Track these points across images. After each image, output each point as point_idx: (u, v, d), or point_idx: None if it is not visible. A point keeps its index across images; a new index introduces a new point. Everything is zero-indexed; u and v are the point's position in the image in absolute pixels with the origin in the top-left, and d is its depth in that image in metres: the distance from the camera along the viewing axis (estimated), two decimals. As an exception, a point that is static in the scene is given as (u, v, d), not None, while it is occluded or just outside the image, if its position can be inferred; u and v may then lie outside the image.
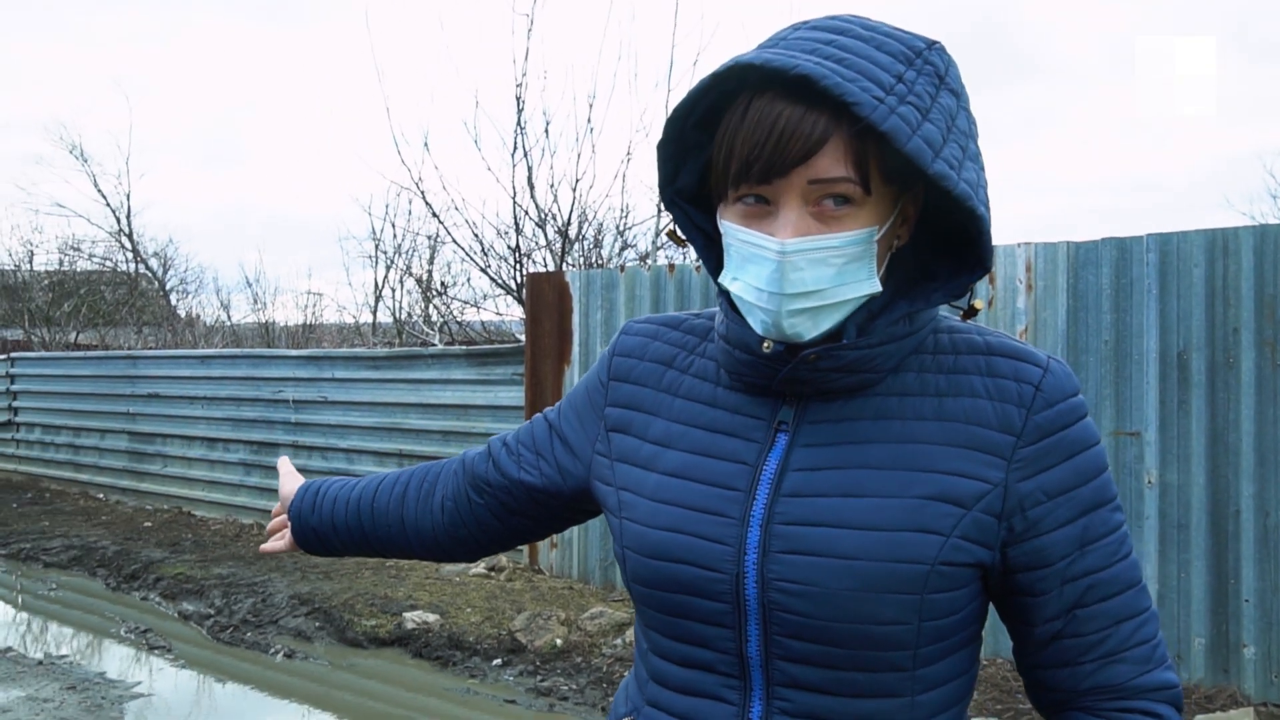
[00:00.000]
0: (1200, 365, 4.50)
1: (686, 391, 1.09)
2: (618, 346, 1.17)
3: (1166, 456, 4.59)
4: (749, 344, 1.01)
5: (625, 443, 1.11)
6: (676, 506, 1.03)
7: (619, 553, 1.08)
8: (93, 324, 19.57)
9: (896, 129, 0.88)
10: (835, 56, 0.90)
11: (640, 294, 6.20)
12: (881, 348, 0.98)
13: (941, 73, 0.94)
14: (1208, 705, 4.33)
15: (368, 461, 8.18)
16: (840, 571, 0.95)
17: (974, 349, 1.02)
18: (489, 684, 5.23)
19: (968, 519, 0.96)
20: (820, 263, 0.93)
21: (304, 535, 1.39)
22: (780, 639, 0.98)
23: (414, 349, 8.21)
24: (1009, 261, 4.95)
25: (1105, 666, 1.00)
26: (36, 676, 5.40)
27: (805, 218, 0.92)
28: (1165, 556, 4.59)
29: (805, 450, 1.00)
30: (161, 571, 7.39)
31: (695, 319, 1.16)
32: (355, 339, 15.50)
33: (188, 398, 9.74)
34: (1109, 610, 0.99)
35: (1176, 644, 4.57)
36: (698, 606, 1.01)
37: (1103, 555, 0.99)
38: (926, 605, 0.96)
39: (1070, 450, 0.98)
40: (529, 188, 9.19)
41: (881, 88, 0.89)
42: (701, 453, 1.04)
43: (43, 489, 11.32)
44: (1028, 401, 0.98)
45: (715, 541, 1.00)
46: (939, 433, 0.98)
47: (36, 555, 8.33)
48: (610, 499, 1.11)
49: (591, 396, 1.18)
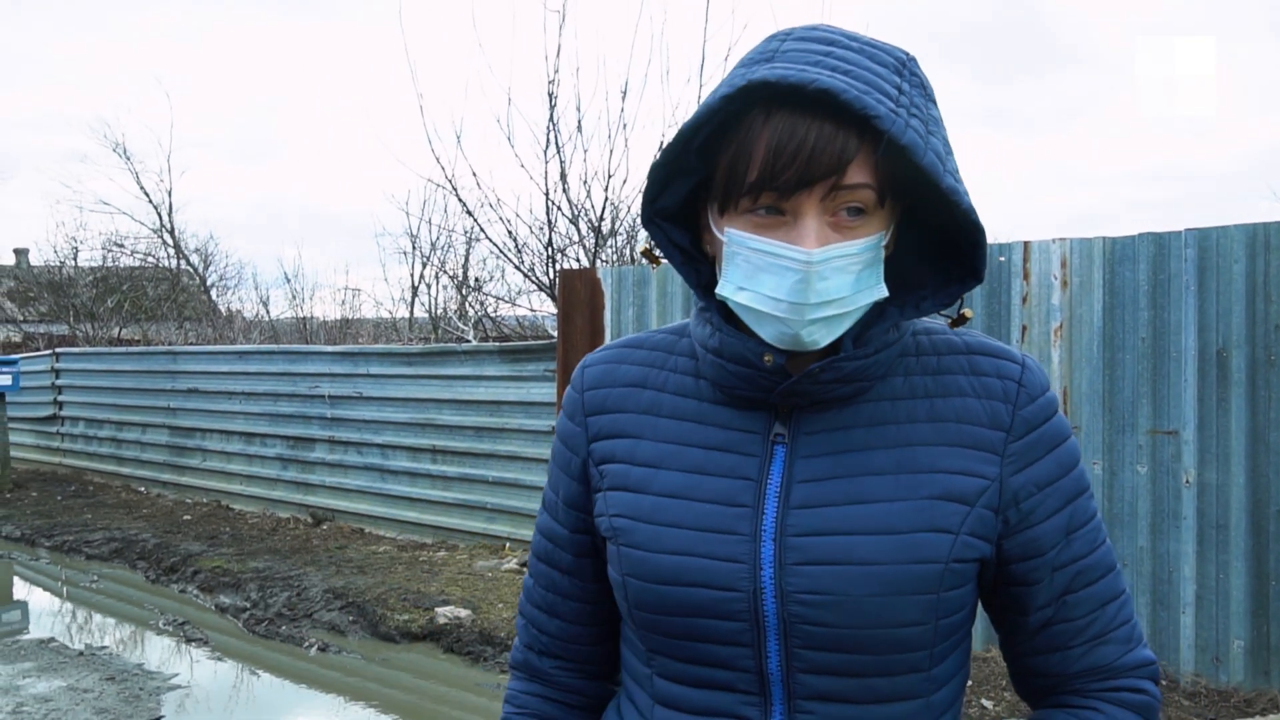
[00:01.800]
0: (1240, 363, 4.41)
1: (670, 410, 1.07)
2: (585, 381, 1.13)
3: (1205, 455, 4.50)
4: (747, 358, 0.99)
5: (615, 470, 1.07)
6: (680, 529, 1.00)
7: (617, 580, 1.05)
8: (135, 319, 19.92)
9: (914, 143, 0.89)
10: (840, 69, 0.91)
11: (672, 290, 6.19)
12: (876, 356, 1.00)
13: (924, 83, 0.96)
14: (1247, 709, 4.25)
15: (402, 457, 8.26)
16: (861, 578, 0.95)
17: (954, 349, 1.05)
18: (520, 679, 5.27)
19: (972, 515, 0.98)
20: (842, 270, 0.93)
21: None
22: (801, 652, 0.97)
23: (447, 345, 8.27)
24: (1044, 257, 4.89)
25: (1094, 649, 1.04)
26: (77, 667, 5.51)
27: (824, 228, 0.93)
28: (1204, 557, 4.52)
29: (806, 461, 1.00)
30: (200, 564, 7.51)
31: (655, 335, 1.14)
32: (392, 334, 15.64)
33: (226, 393, 9.88)
34: (1095, 594, 1.03)
35: (1215, 646, 4.49)
36: (713, 628, 0.99)
37: (1086, 542, 1.03)
38: (942, 604, 0.97)
39: (1053, 442, 1.02)
40: (562, 183, 9.21)
41: (891, 100, 0.90)
42: (698, 471, 1.02)
43: (86, 482, 11.55)
44: (1013, 397, 1.01)
45: (728, 560, 0.98)
46: (934, 433, 1.00)
47: (79, 548, 8.50)
48: (604, 526, 1.07)
49: (570, 444, 1.12)
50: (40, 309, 22.24)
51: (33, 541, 8.91)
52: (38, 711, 4.79)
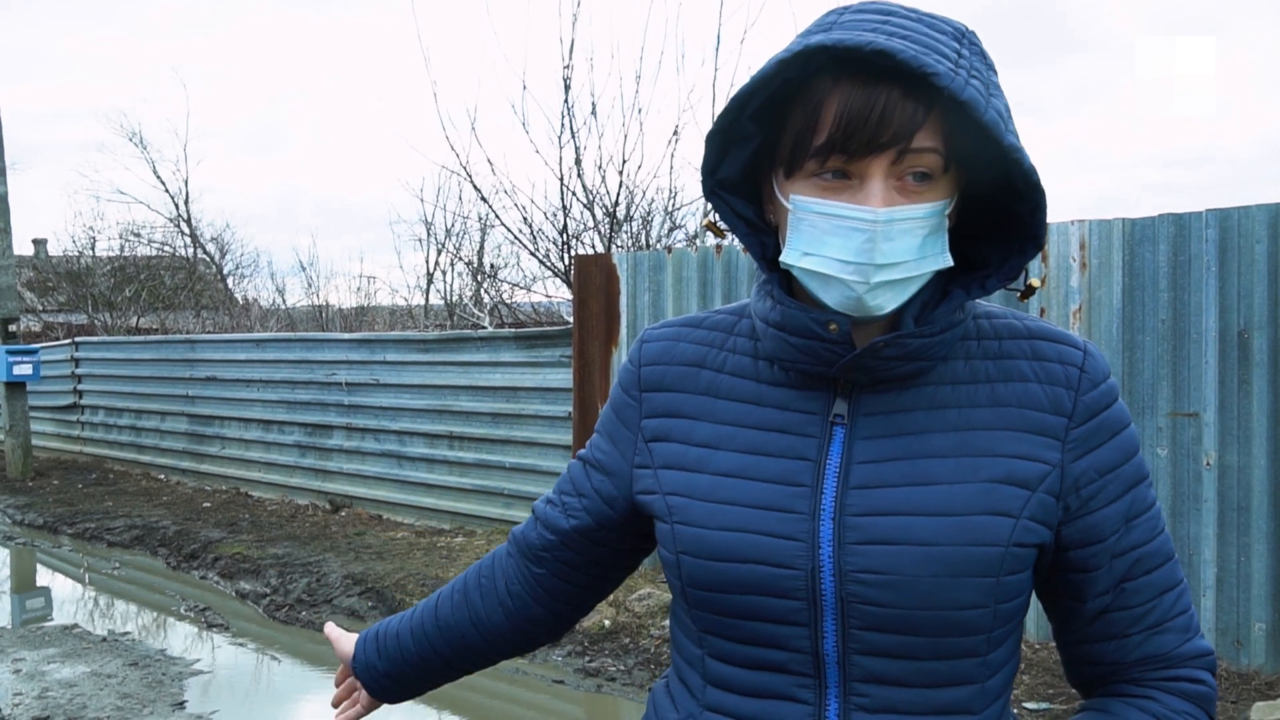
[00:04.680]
0: (1262, 344, 4.37)
1: (728, 392, 1.07)
2: (643, 355, 1.14)
3: (1226, 438, 4.47)
4: (810, 328, 0.99)
5: (668, 449, 1.08)
6: (738, 506, 1.01)
7: (670, 559, 1.06)
8: (153, 308, 20.04)
9: (974, 99, 0.90)
10: (898, 34, 0.91)
11: (687, 276, 6.18)
12: (941, 336, 0.99)
13: (985, 54, 0.96)
14: (1268, 692, 4.23)
15: (419, 443, 8.29)
16: (920, 558, 0.95)
17: (1015, 334, 1.04)
18: (538, 664, 5.29)
19: (1034, 500, 0.98)
20: (908, 233, 0.93)
21: (378, 685, 1.32)
22: (859, 633, 0.97)
23: (463, 332, 8.28)
24: (1062, 240, 4.85)
25: (1152, 637, 1.03)
26: (101, 652, 5.57)
27: (890, 191, 0.93)
28: (1224, 540, 4.49)
29: (866, 443, 1.00)
30: (220, 551, 7.57)
31: (715, 315, 1.14)
32: (408, 321, 15.68)
33: (244, 380, 9.94)
34: (1154, 582, 1.03)
35: (1236, 629, 4.47)
36: (769, 606, 0.99)
37: (1146, 530, 1.03)
38: (1001, 588, 0.97)
39: (1114, 429, 1.02)
40: (576, 169, 9.19)
41: (950, 62, 0.91)
42: (756, 451, 1.03)
43: (106, 470, 11.65)
44: (1075, 383, 1.01)
45: (786, 538, 0.98)
46: (994, 418, 1.00)
47: (101, 535, 8.59)
48: (657, 505, 1.08)
49: (622, 414, 1.15)
50: (59, 299, 22.39)
51: (55, 529, 9.00)
52: (63, 696, 4.85)
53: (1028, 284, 1.04)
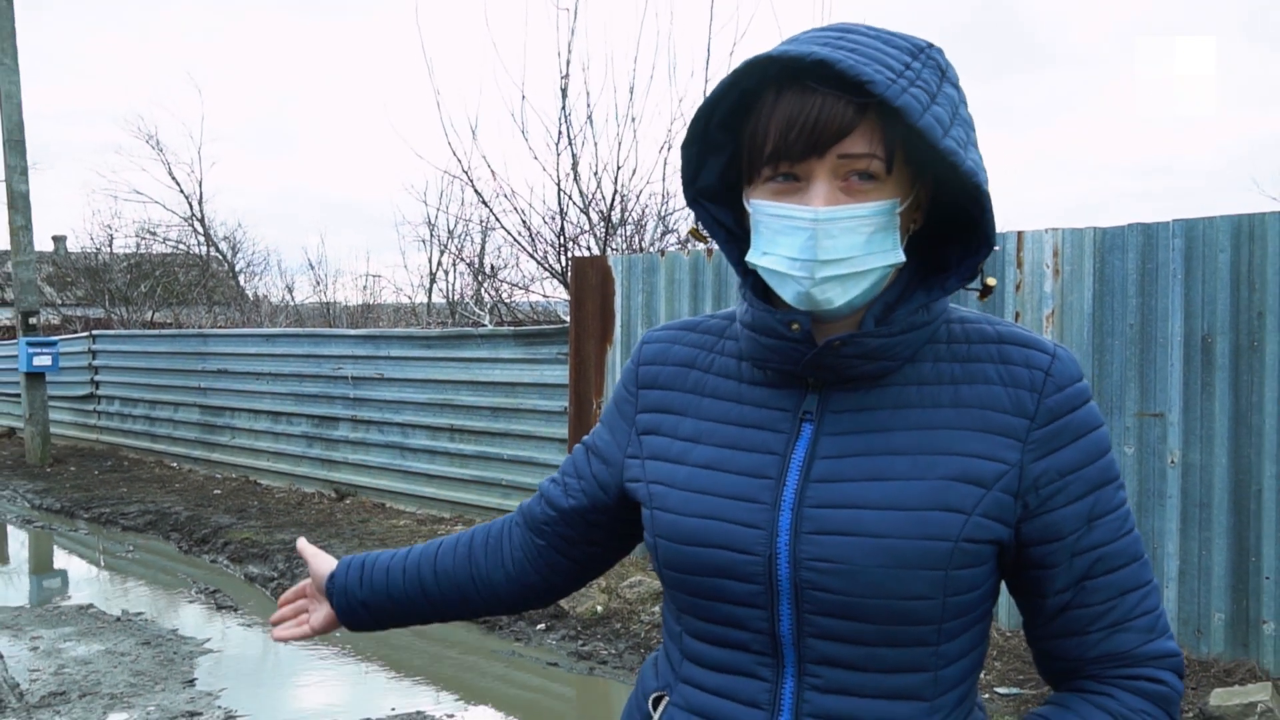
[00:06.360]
0: (1225, 349, 4.53)
1: (712, 390, 1.13)
2: (641, 356, 1.22)
3: (1190, 437, 4.64)
4: (775, 328, 1.04)
5: (656, 442, 1.15)
6: (709, 495, 1.06)
7: (650, 542, 1.12)
8: (167, 303, 20.34)
9: (909, 106, 0.93)
10: (848, 47, 0.96)
11: (680, 277, 6.37)
12: (902, 336, 1.03)
13: (943, 68, 1.01)
14: (1226, 679, 4.38)
15: (421, 435, 8.50)
16: (870, 549, 0.99)
17: (985, 338, 1.07)
18: (533, 647, 5.46)
19: (988, 498, 1.00)
20: (851, 230, 0.97)
21: (350, 610, 1.36)
22: (812, 617, 1.02)
23: (465, 329, 8.48)
24: (1036, 247, 5.03)
25: (1111, 635, 1.05)
26: (115, 632, 5.77)
27: (835, 191, 0.98)
28: (1186, 534, 4.66)
29: (831, 438, 1.04)
30: (229, 536, 7.79)
31: (710, 320, 1.20)
32: (411, 319, 15.90)
33: (254, 373, 10.17)
34: (1115, 582, 1.04)
35: (1197, 619, 4.64)
36: (731, 589, 1.05)
37: (1109, 530, 1.04)
38: (951, 581, 1.00)
39: (1078, 432, 1.03)
40: (573, 174, 9.36)
41: (892, 72, 0.95)
42: (732, 446, 1.08)
43: (121, 457, 11.90)
44: (1039, 386, 1.03)
45: (747, 526, 1.03)
46: (957, 418, 1.03)
47: (115, 519, 8.82)
48: (641, 492, 1.15)
49: (621, 407, 1.22)
50: (77, 293, 22.72)
51: (72, 513, 9.24)
52: (78, 673, 5.03)
53: (984, 283, 1.07)
